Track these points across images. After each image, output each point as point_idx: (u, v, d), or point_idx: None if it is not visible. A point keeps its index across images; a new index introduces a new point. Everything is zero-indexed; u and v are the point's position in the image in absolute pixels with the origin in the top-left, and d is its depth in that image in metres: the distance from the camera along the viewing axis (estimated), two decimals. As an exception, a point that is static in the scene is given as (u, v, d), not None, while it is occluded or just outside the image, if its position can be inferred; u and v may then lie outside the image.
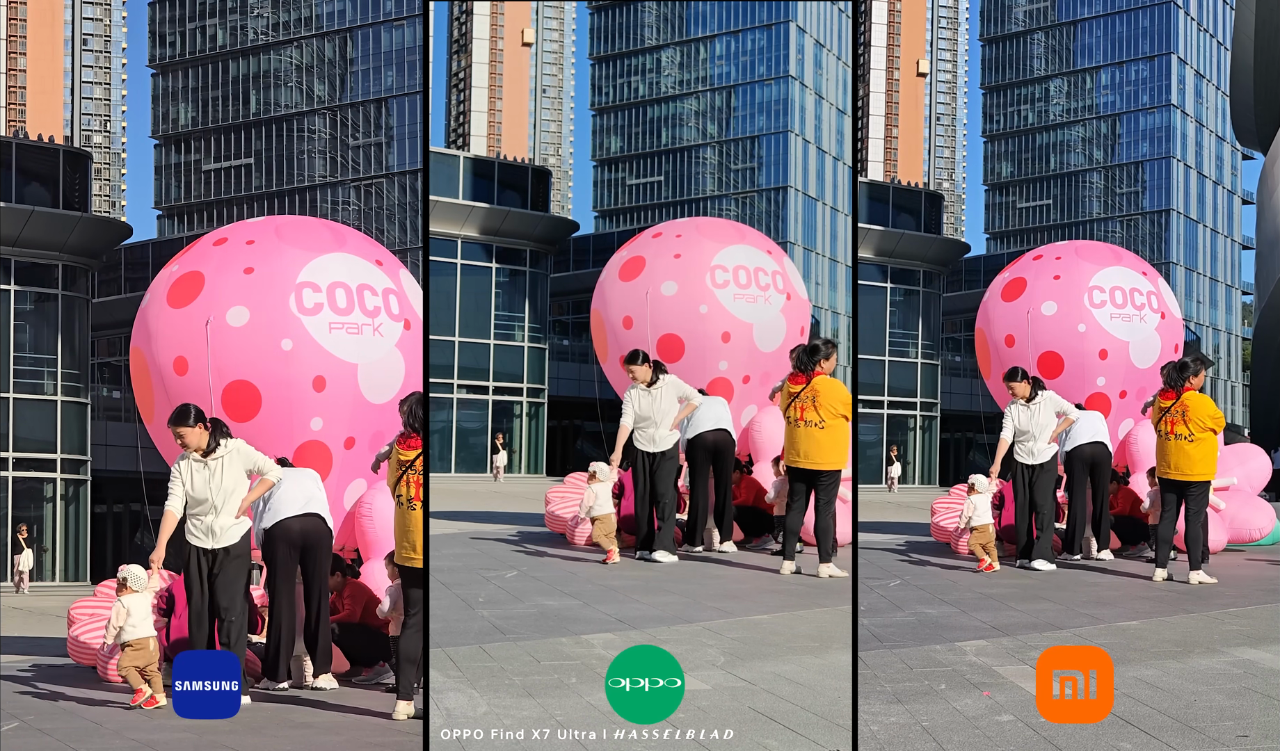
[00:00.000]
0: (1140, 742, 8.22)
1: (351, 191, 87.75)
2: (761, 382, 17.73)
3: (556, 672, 9.65)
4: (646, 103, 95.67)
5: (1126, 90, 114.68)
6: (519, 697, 8.97)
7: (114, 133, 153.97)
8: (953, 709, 8.96)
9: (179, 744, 9.36)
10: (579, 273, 67.10)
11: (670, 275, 17.92)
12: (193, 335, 12.63)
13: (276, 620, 11.20)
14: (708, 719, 8.40)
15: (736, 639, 11.06)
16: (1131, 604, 13.62)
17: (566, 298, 67.48)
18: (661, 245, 18.40)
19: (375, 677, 11.59)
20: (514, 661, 10.03)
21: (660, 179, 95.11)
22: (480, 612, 12.09)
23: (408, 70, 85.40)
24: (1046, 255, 19.47)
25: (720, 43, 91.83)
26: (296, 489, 11.40)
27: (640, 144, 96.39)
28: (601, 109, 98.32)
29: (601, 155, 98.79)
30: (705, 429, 16.06)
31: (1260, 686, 9.65)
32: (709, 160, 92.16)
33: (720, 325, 17.74)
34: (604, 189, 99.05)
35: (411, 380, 12.77)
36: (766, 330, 17.95)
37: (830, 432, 14.46)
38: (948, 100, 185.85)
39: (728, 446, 16.21)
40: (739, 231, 19.06)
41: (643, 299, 17.92)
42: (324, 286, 12.73)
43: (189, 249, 13.53)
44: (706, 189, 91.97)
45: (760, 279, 18.03)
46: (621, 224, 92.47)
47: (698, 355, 17.68)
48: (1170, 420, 15.06)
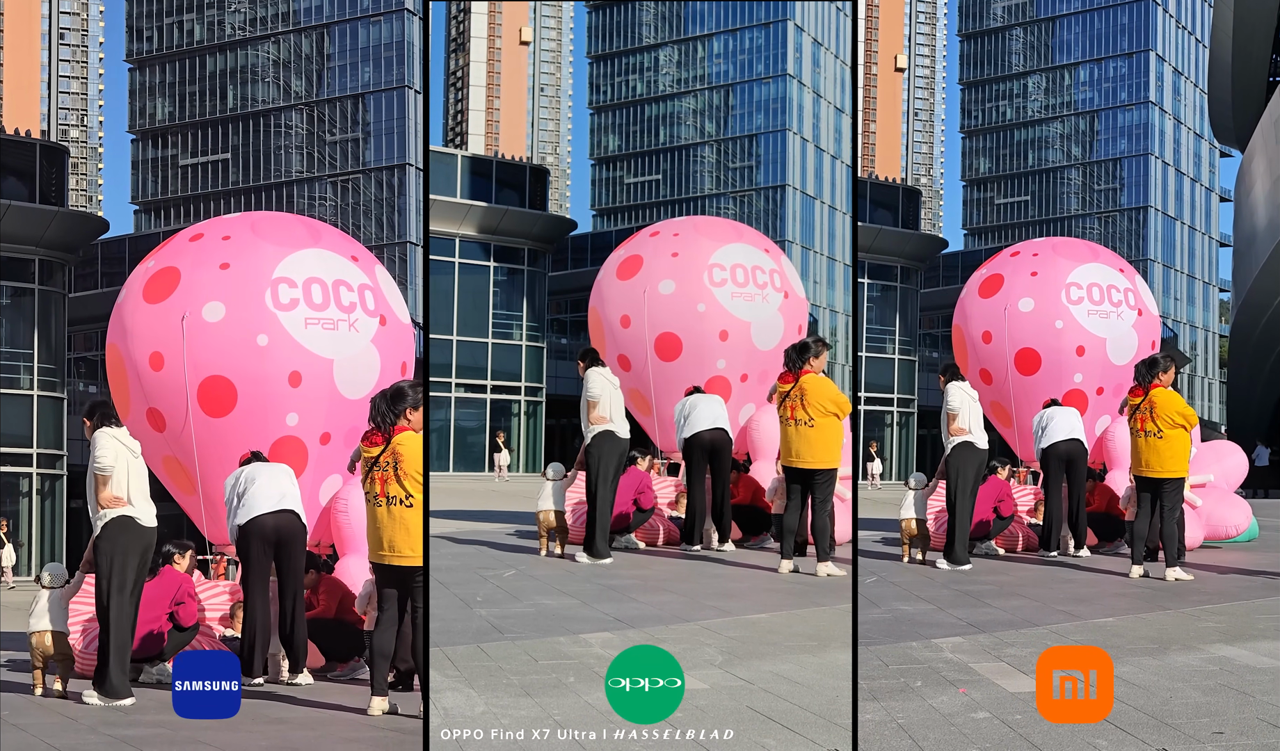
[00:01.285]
0: (1116, 739, 8.19)
1: (328, 187, 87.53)
2: (759, 381, 17.68)
3: (554, 672, 9.62)
4: (644, 101, 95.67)
5: (1105, 87, 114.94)
6: (517, 697, 8.94)
7: (91, 127, 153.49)
8: (929, 706, 8.94)
9: (154, 739, 9.32)
10: (577, 271, 67.08)
11: (668, 274, 17.89)
12: (169, 330, 12.61)
13: (251, 616, 11.18)
14: (706, 718, 8.38)
15: (734, 638, 11.01)
16: (1108, 601, 13.60)
17: (564, 296, 67.43)
18: (659, 244, 18.38)
19: (350, 673, 11.61)
20: (512, 661, 9.99)
21: (658, 177, 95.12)
22: (478, 612, 12.05)
23: (385, 66, 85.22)
24: (1024, 252, 19.46)
25: (718, 41, 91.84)
26: (270, 485, 11.36)
27: (638, 142, 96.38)
28: (599, 107, 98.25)
29: (599, 154, 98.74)
30: (703, 428, 16.02)
31: (1236, 683, 9.63)
32: (707, 159, 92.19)
33: (718, 324, 17.71)
34: (602, 187, 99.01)
35: (387, 376, 12.75)
36: (764, 328, 17.92)
37: (820, 431, 14.30)
38: (926, 96, 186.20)
39: (725, 445, 16.14)
40: (737, 230, 19.03)
41: (640, 297, 17.89)
42: (300, 282, 12.72)
43: (165, 244, 13.50)
44: (704, 187, 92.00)
45: (758, 277, 18.01)
46: (619, 222, 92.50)
47: (695, 354, 17.67)
48: (1140, 417, 15.08)
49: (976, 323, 18.89)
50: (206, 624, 11.94)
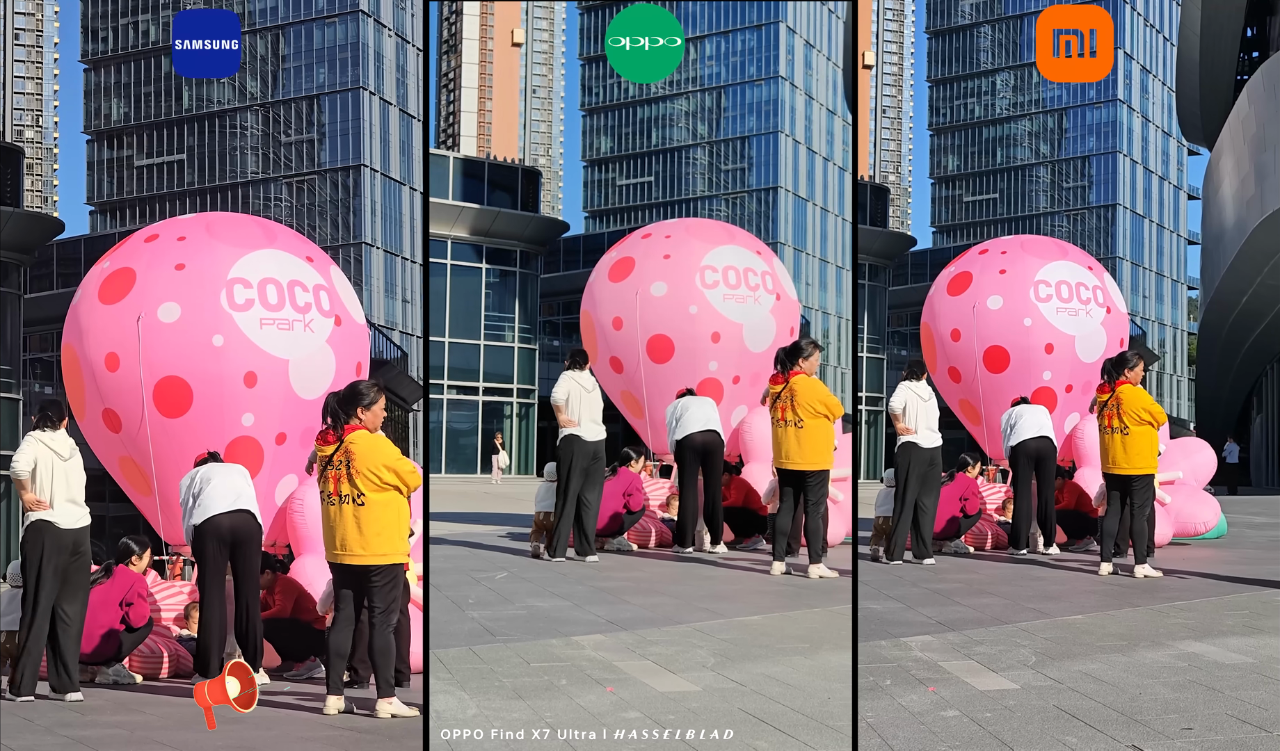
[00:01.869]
0: (1085, 736, 8.15)
1: (283, 188, 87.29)
2: (751, 383, 17.69)
3: (546, 674, 9.56)
4: (636, 103, 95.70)
5: (1072, 85, 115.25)
6: (509, 699, 8.89)
7: (46, 128, 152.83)
8: (898, 704, 8.89)
9: (111, 740, 9.30)
10: (569, 273, 66.95)
11: (660, 276, 17.84)
12: (124, 331, 12.62)
13: (207, 616, 11.16)
14: (699, 720, 8.33)
15: (727, 640, 10.96)
16: (1077, 598, 13.58)
17: (556, 298, 67.29)
18: (651, 246, 18.33)
19: (306, 672, 11.62)
20: (504, 663, 9.95)
21: (650, 179, 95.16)
22: (470, 614, 12.01)
23: (340, 68, 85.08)
24: (992, 249, 19.46)
25: (710, 43, 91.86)
26: (225, 485, 11.36)
27: (630, 144, 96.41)
28: (591, 109, 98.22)
29: (591, 156, 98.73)
30: (694, 430, 16.05)
31: (1205, 679, 9.61)
32: (699, 161, 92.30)
33: (710, 325, 17.66)
34: (594, 189, 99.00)
35: (343, 376, 12.80)
36: (756, 330, 17.87)
37: (810, 432, 14.25)
38: (894, 93, 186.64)
39: (716, 447, 16.15)
40: (728, 232, 18.99)
41: (632, 299, 17.84)
42: (255, 282, 12.75)
43: (120, 245, 13.53)
44: (696, 189, 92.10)
45: (750, 279, 17.97)
46: (611, 224, 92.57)
47: (687, 355, 17.63)
48: (1108, 413, 15.07)
49: (945, 320, 18.87)
50: (162, 623, 11.90)
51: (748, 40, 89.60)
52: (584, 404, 15.35)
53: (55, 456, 10.73)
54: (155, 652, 11.58)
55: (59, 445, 10.79)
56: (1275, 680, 9.63)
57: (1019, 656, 10.34)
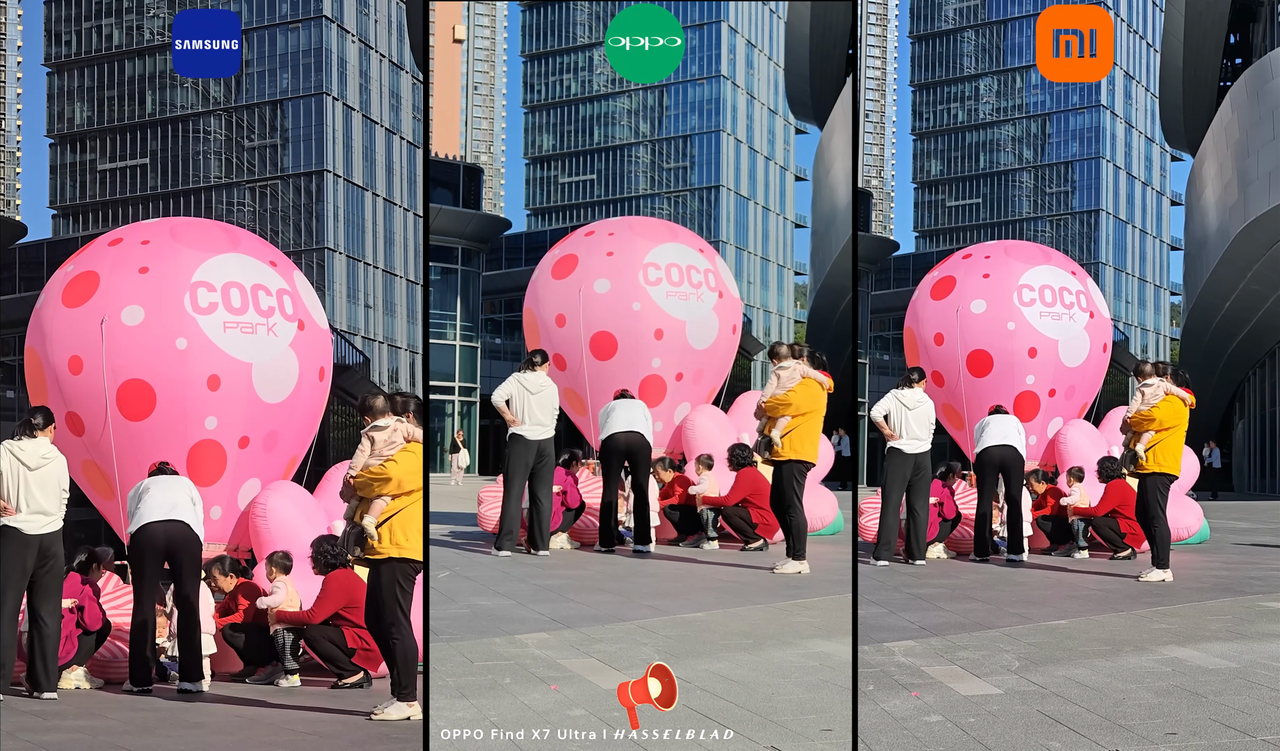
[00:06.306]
0: (1069, 741, 8.09)
1: (246, 192, 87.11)
2: (694, 380, 17.77)
3: (490, 673, 9.46)
4: (579, 101, 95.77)
5: (1056, 90, 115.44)
6: (452, 699, 8.79)
7: (9, 131, 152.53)
8: (881, 710, 8.83)
9: (73, 744, 9.27)
10: (511, 271, 67.00)
11: (603, 273, 17.95)
12: (88, 335, 12.67)
13: (138, 624, 11.17)
14: (641, 716, 8.14)
15: (671, 637, 10.96)
16: (1060, 603, 13.59)
17: (499, 296, 67.36)
18: (594, 243, 18.48)
19: (269, 677, 11.66)
20: (447, 662, 9.85)
21: (593, 177, 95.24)
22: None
23: (303, 73, 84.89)
24: (976, 254, 19.48)
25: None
26: (163, 496, 11.39)
27: (572, 142, 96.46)
28: (533, 107, 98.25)
29: (533, 153, 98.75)
30: (617, 430, 16.13)
31: (1188, 684, 9.57)
32: (641, 159, 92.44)
33: (653, 323, 17.80)
34: (536, 187, 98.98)
35: (305, 380, 12.86)
36: (699, 327, 18.07)
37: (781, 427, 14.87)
38: (877, 97, 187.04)
39: (640, 448, 16.18)
40: (671, 230, 19.15)
41: (575, 297, 17.92)
42: (218, 286, 12.83)
43: (84, 249, 13.60)
44: (639, 188, 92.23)
45: (693, 277, 18.15)
46: (554, 222, 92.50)
47: (631, 352, 17.76)
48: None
49: (928, 325, 18.86)
50: (120, 627, 11.80)
51: (689, 39, 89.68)
52: (526, 403, 15.42)
53: (22, 466, 10.72)
54: (117, 658, 11.54)
55: (27, 455, 10.78)
56: (1258, 685, 9.58)
57: (1002, 661, 10.28)
